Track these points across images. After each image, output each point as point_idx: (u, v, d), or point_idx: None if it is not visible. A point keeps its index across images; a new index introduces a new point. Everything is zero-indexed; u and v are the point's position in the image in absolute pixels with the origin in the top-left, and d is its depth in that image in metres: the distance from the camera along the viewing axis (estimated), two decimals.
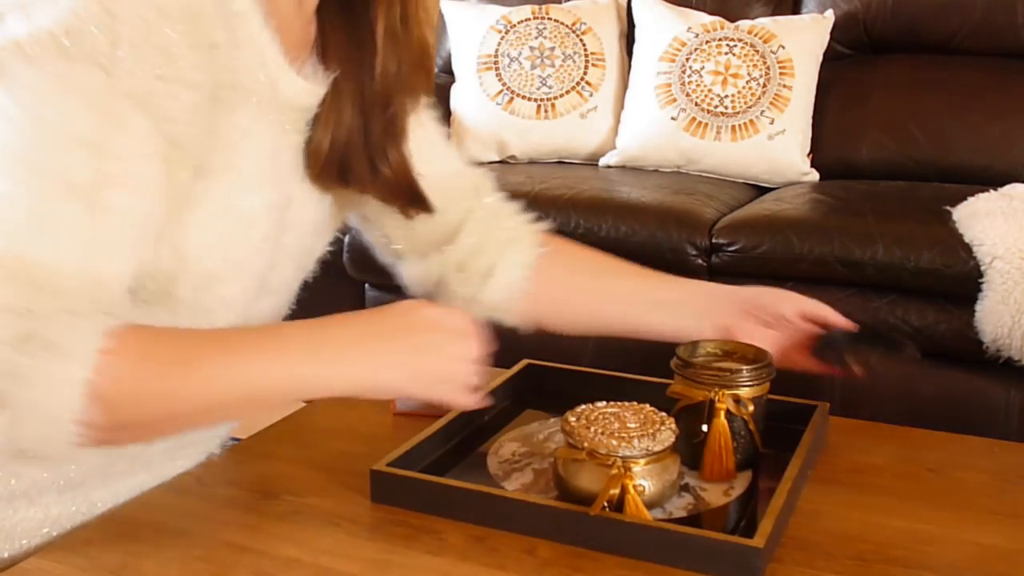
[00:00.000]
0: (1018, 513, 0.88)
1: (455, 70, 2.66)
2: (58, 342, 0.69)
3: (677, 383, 0.95)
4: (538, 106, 2.56)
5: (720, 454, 0.91)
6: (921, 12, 2.44)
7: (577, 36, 2.60)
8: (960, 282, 1.82)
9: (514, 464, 0.96)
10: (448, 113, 2.62)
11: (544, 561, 0.79)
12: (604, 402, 0.90)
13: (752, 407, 0.92)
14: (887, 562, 0.79)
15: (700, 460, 0.92)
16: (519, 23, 2.61)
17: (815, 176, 2.39)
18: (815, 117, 2.42)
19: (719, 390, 0.91)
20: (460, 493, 0.85)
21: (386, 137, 0.96)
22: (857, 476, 0.94)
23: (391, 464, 0.89)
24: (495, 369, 1.18)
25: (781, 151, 2.37)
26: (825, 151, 2.42)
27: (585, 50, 2.60)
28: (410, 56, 0.95)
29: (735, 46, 2.44)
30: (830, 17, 2.47)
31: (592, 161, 2.56)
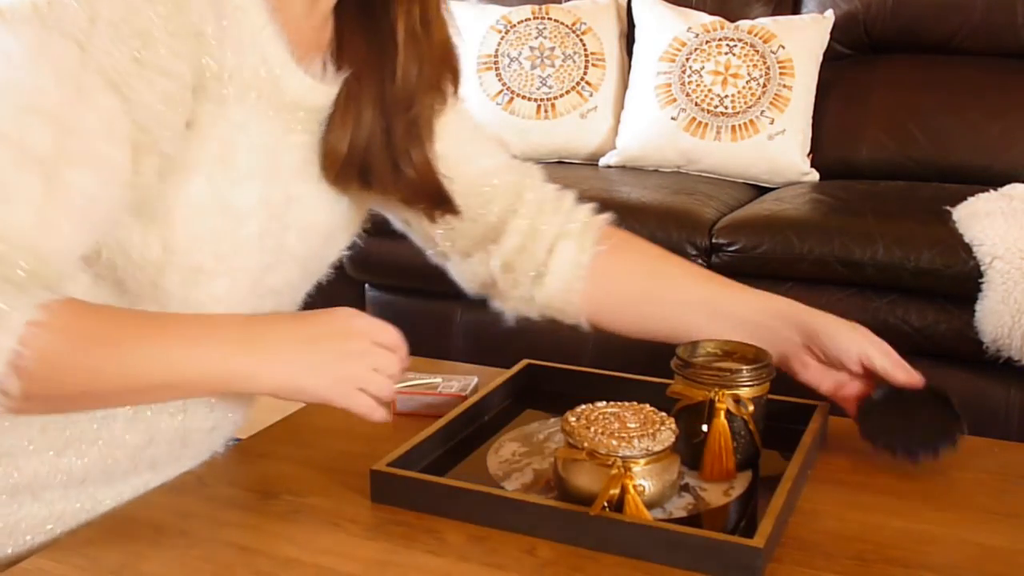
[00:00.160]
0: (1018, 513, 0.88)
1: None
2: None
3: (677, 383, 0.95)
4: (538, 106, 2.56)
5: (720, 454, 0.91)
6: (921, 12, 2.44)
7: (577, 36, 2.60)
8: (960, 282, 1.82)
9: (514, 464, 0.96)
10: None
11: (544, 561, 0.79)
12: (604, 402, 0.90)
13: (752, 407, 0.92)
14: (887, 562, 0.79)
15: (700, 460, 0.92)
16: (519, 23, 2.61)
17: (815, 176, 2.39)
18: (815, 117, 2.41)
19: (719, 390, 0.91)
20: (460, 493, 0.85)
21: (409, 138, 0.96)
22: (857, 476, 0.94)
23: (391, 464, 0.89)
24: (495, 369, 1.18)
25: (781, 151, 2.37)
26: (825, 151, 2.42)
27: (585, 50, 2.60)
28: (432, 57, 0.95)
29: (735, 46, 2.44)
30: (830, 17, 2.47)
31: (592, 161, 2.56)
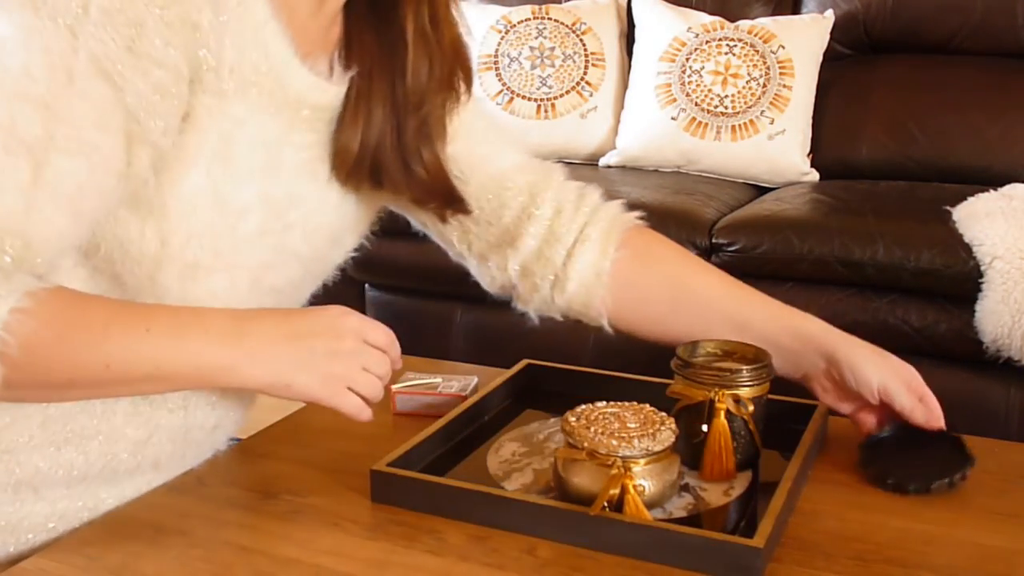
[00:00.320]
0: (1018, 513, 0.88)
1: None
2: None
3: (677, 383, 0.95)
4: (538, 106, 2.56)
5: (720, 454, 0.91)
6: (921, 12, 2.44)
7: (577, 36, 2.60)
8: (960, 282, 1.82)
9: (514, 464, 0.96)
10: None
11: (544, 561, 0.79)
12: (604, 402, 0.90)
13: (752, 407, 0.92)
14: (886, 562, 0.79)
15: (700, 460, 0.92)
16: (519, 23, 2.61)
17: (815, 176, 2.39)
18: (815, 117, 2.41)
19: (719, 390, 0.91)
20: (460, 493, 0.85)
21: (420, 137, 0.96)
22: (857, 476, 0.94)
23: (391, 464, 0.88)
24: (495, 369, 1.18)
25: (781, 151, 2.37)
26: (825, 151, 2.42)
27: (585, 50, 2.59)
28: (443, 55, 0.95)
29: (735, 46, 2.44)
30: (830, 17, 2.47)
31: (592, 161, 2.56)
